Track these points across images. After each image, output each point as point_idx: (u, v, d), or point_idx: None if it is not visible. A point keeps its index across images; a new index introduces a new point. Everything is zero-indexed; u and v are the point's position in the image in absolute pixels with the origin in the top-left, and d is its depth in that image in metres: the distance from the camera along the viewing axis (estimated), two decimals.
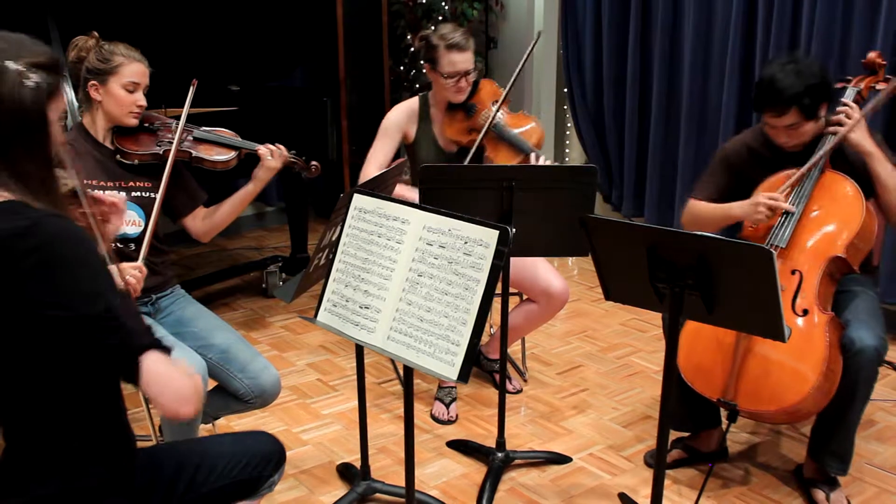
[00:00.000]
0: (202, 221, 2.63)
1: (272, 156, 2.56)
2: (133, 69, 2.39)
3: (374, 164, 3.07)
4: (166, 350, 1.42)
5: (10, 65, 1.36)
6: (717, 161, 2.75)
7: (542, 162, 2.88)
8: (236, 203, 2.60)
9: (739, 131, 4.13)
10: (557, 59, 5.35)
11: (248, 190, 2.57)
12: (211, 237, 2.68)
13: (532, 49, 2.99)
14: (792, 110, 2.42)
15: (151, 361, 1.37)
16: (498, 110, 2.95)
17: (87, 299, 1.34)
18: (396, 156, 3.29)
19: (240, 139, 2.64)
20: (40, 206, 1.38)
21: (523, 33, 5.24)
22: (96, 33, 2.45)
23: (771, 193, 2.46)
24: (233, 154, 2.61)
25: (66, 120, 2.80)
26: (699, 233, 1.80)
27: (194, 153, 2.57)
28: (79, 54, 2.41)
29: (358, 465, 2.58)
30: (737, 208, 2.56)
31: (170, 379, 1.38)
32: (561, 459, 2.78)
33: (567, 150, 5.57)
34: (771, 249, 1.72)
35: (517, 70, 2.91)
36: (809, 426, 2.55)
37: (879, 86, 2.61)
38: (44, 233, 1.33)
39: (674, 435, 2.74)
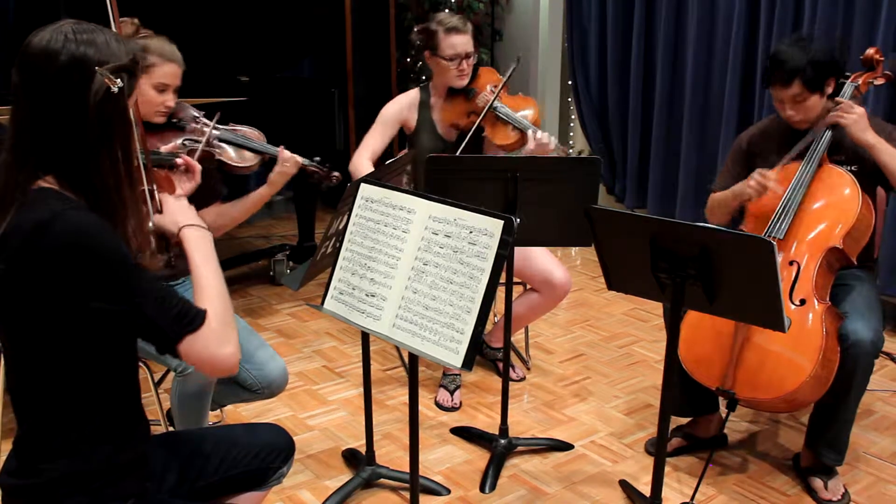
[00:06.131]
0: (215, 217, 2.58)
1: (288, 161, 2.51)
2: (165, 70, 2.32)
3: (367, 150, 3.09)
4: (199, 323, 1.43)
5: (99, 70, 1.37)
6: (732, 151, 2.80)
7: (539, 136, 2.88)
8: (248, 205, 2.57)
9: (742, 124, 4.19)
10: (562, 51, 5.37)
11: (262, 193, 2.54)
12: (221, 234, 2.64)
13: (514, 70, 2.99)
14: (795, 81, 2.46)
15: (186, 352, 1.42)
16: (498, 92, 2.98)
17: (113, 292, 1.35)
18: (393, 151, 3.31)
19: (264, 143, 2.58)
20: (73, 197, 1.39)
21: (528, 26, 5.26)
22: (137, 20, 2.36)
23: (762, 170, 2.50)
24: (256, 160, 2.55)
25: None
26: (701, 224, 1.83)
27: (217, 156, 2.49)
28: None
29: (363, 450, 2.61)
30: (737, 187, 2.60)
31: (205, 364, 1.44)
32: (563, 446, 2.82)
33: (571, 142, 5.59)
34: (772, 241, 1.75)
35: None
36: (808, 415, 2.58)
37: (877, 81, 2.63)
38: (65, 225, 1.34)
39: (674, 423, 2.77)
